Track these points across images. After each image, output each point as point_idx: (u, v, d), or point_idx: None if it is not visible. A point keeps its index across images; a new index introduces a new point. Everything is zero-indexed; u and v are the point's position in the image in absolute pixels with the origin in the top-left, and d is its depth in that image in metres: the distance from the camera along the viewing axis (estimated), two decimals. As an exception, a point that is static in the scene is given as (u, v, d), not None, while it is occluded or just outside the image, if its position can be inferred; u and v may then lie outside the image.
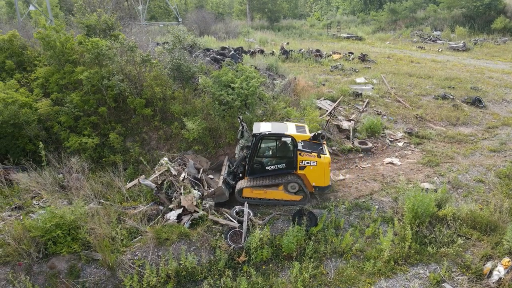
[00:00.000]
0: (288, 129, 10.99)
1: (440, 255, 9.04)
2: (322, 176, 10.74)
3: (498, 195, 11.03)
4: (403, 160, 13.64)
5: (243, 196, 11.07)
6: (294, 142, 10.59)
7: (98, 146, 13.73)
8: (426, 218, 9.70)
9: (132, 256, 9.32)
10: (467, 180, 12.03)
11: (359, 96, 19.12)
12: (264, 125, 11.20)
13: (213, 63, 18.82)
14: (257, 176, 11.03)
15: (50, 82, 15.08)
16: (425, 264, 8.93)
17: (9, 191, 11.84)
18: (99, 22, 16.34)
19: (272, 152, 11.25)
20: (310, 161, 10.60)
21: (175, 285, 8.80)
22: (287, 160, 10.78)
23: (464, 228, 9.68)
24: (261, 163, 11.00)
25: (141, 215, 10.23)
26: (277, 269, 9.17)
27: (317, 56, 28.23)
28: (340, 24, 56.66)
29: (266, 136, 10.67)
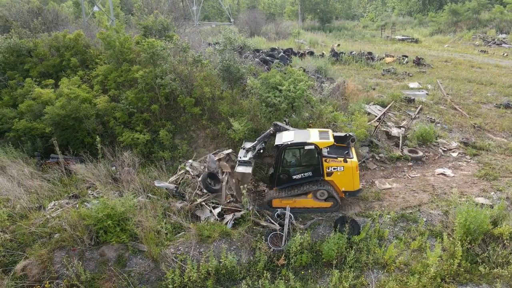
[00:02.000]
0: (310, 136, 10.82)
1: (493, 276, 8.46)
2: (350, 181, 10.63)
3: None
4: (457, 172, 12.89)
5: (273, 207, 11.02)
6: (317, 150, 10.48)
7: (148, 142, 14.35)
8: (479, 235, 9.11)
9: (175, 250, 9.65)
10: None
11: (412, 102, 18.35)
12: (287, 135, 11.12)
13: (262, 65, 18.96)
14: (285, 186, 10.99)
15: (108, 79, 16.02)
16: (475, 284, 8.40)
17: (68, 180, 12.78)
18: (155, 23, 17.06)
19: (297, 161, 11.10)
20: (337, 166, 10.52)
21: (215, 282, 8.99)
22: (313, 167, 10.71)
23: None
24: (288, 172, 10.94)
25: (184, 211, 10.57)
26: (316, 275, 9.07)
27: (369, 59, 27.42)
28: (395, 26, 54.62)
29: (289, 146, 10.61)
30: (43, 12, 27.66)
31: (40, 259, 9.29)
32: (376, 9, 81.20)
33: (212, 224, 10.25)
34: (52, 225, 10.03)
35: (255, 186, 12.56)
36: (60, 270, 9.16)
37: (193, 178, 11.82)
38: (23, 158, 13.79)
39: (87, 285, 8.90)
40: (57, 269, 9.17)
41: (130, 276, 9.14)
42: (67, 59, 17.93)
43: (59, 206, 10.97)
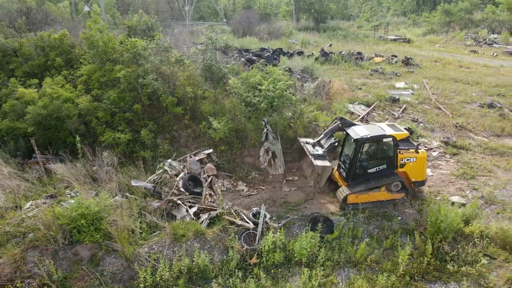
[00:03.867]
0: (384, 129, 10.85)
1: (462, 274, 8.51)
2: (421, 171, 10.83)
3: (537, 214, 10.17)
4: (435, 171, 12.96)
5: (348, 203, 10.86)
6: (394, 142, 10.50)
7: (130, 142, 14.36)
8: (450, 233, 9.17)
9: (149, 249, 9.67)
10: (503, 196, 11.20)
11: (396, 101, 18.42)
12: (360, 129, 10.94)
13: (248, 65, 18.99)
14: (359, 181, 10.89)
15: (92, 79, 16.01)
16: (443, 282, 8.46)
17: (48, 180, 12.77)
18: (140, 23, 17.06)
19: (372, 154, 11.03)
20: (410, 157, 10.65)
21: (187, 281, 9.02)
22: (387, 160, 10.77)
23: (492, 248, 9.04)
24: (362, 167, 10.91)
25: (161, 211, 10.60)
26: (288, 274, 9.10)
27: (358, 59, 27.50)
28: (388, 26, 54.77)
29: (368, 140, 10.54)
30: (32, 12, 27.58)
31: (13, 258, 9.27)
32: (371, 9, 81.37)
33: (188, 223, 10.27)
34: (27, 225, 10.03)
35: (234, 186, 12.59)
36: (33, 269, 9.15)
37: (171, 177, 11.85)
38: (4, 158, 13.76)
39: (58, 285, 8.91)
40: (29, 269, 9.15)
41: (103, 275, 9.15)
42: (52, 59, 17.91)
43: (36, 205, 10.96)
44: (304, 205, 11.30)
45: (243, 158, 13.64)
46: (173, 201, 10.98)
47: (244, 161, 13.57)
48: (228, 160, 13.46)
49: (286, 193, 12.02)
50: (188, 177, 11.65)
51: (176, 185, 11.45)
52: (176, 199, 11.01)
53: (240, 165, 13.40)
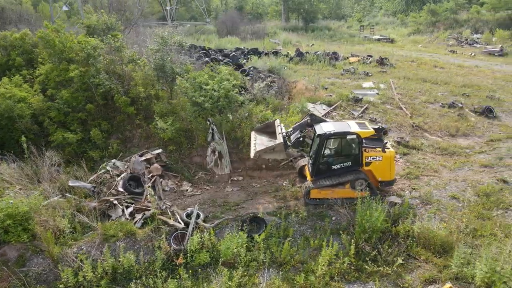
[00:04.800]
0: (350, 126, 10.89)
1: (381, 274, 8.49)
2: (388, 171, 10.74)
3: (468, 214, 10.14)
4: (382, 171, 12.91)
5: (311, 198, 11.01)
6: (359, 139, 10.50)
7: (83, 142, 14.33)
8: (375, 233, 9.16)
9: (78, 250, 9.64)
10: (441, 196, 11.17)
11: (359, 101, 18.39)
12: (326, 125, 11.12)
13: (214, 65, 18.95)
14: (323, 177, 10.94)
15: (49, 79, 15.96)
16: (362, 282, 8.44)
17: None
18: (99, 23, 17.01)
19: (337, 151, 11.13)
20: (376, 156, 10.62)
21: (110, 282, 8.98)
22: (352, 157, 10.76)
23: (416, 248, 9.03)
24: (327, 163, 10.95)
25: (96, 211, 10.56)
26: (213, 274, 9.06)
27: (332, 58, 27.49)
28: (374, 26, 54.82)
29: (332, 136, 10.66)
30: (6, 11, 27.52)
31: None
32: (364, 9, 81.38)
33: (121, 224, 10.23)
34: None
35: (178, 186, 12.56)
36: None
37: (112, 177, 11.82)
38: None
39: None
40: (-45, 270, 9.13)
41: (28, 276, 9.12)
42: (13, 59, 17.86)
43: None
44: (243, 205, 11.28)
45: (191, 158, 13.62)
46: (110, 201, 10.94)
47: (192, 161, 13.55)
48: (177, 160, 13.44)
49: (228, 193, 12.00)
50: (129, 177, 11.62)
51: (115, 185, 11.42)
52: (113, 199, 10.97)
53: (188, 165, 13.38)
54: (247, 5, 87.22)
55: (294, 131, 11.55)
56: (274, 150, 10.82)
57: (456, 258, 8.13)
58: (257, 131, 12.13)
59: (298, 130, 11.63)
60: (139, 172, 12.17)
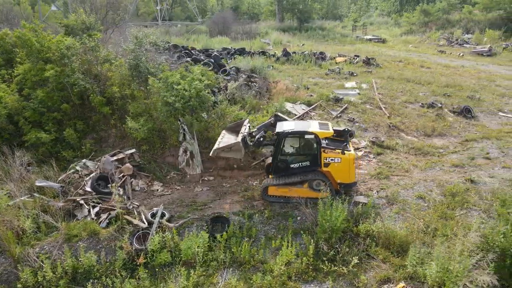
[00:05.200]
0: (310, 126, 10.93)
1: (338, 274, 8.50)
2: (347, 173, 10.67)
3: (431, 214, 10.15)
4: (354, 171, 12.93)
5: (269, 194, 11.09)
6: (317, 139, 10.52)
7: (58, 142, 14.32)
8: (335, 233, 9.17)
9: (40, 250, 9.64)
10: (408, 196, 11.18)
11: (339, 101, 18.41)
12: (287, 124, 11.29)
13: (193, 64, 18.94)
14: (282, 175, 11.01)
15: (26, 79, 15.94)
16: (319, 282, 8.44)
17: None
18: (77, 22, 17.00)
19: (296, 150, 11.15)
20: (334, 158, 10.58)
21: (70, 281, 8.98)
22: (311, 157, 10.76)
23: (375, 248, 9.04)
24: (286, 161, 10.98)
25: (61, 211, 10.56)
26: (173, 274, 9.06)
27: (318, 58, 27.51)
28: (366, 26, 54.86)
29: (289, 135, 10.69)
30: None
31: None
32: (360, 9, 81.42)
33: (85, 223, 10.24)
34: None
35: (149, 185, 12.57)
36: None
37: (80, 177, 11.83)
38: None
39: None
40: None
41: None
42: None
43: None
44: (210, 205, 11.28)
45: (164, 158, 13.62)
46: (76, 201, 10.95)
47: (165, 160, 13.55)
48: (149, 160, 13.44)
49: (197, 193, 12.00)
50: (97, 177, 11.63)
51: (83, 185, 11.42)
52: (79, 199, 10.97)
53: (160, 164, 13.38)
54: (243, 5, 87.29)
55: (258, 131, 11.56)
56: (232, 149, 10.83)
57: (411, 258, 8.14)
58: (228, 130, 12.15)
59: (262, 130, 11.63)
60: (109, 171, 12.16)
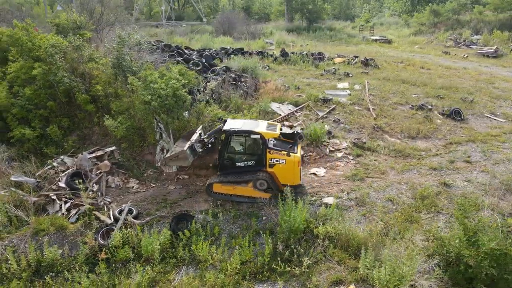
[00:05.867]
0: (258, 126, 11.02)
1: (291, 274, 8.48)
2: (291, 175, 10.68)
3: (397, 216, 10.01)
4: (330, 171, 12.87)
5: (214, 192, 11.25)
6: (263, 140, 10.63)
7: (43, 138, 14.67)
8: (293, 234, 9.15)
9: (9, 243, 9.90)
10: (378, 198, 11.06)
11: (328, 102, 18.29)
12: (236, 122, 11.41)
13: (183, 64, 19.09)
14: (227, 172, 11.14)
15: (17, 76, 16.35)
16: (272, 282, 8.44)
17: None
18: (68, 22, 17.36)
19: (242, 149, 11.30)
20: (279, 159, 10.61)
21: (33, 274, 9.19)
22: (256, 157, 10.88)
23: (334, 249, 8.98)
24: (232, 159, 11.14)
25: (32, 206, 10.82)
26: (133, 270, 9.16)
27: (316, 59, 27.35)
28: (373, 27, 54.26)
29: (235, 133, 10.82)
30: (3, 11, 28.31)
31: None
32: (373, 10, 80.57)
33: (54, 218, 10.48)
34: None
35: (125, 183, 12.74)
36: None
37: (56, 173, 12.09)
38: None
39: None
40: None
41: (-43, 266, 9.40)
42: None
43: None
44: (180, 203, 11.39)
45: (143, 155, 13.80)
46: (49, 197, 11.20)
47: (143, 158, 13.73)
48: (128, 157, 13.63)
49: (170, 191, 12.12)
50: (72, 173, 11.86)
51: (57, 180, 11.67)
52: (52, 194, 11.22)
53: (139, 162, 13.56)
54: (254, 5, 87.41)
55: (209, 138, 11.59)
56: (178, 157, 10.90)
57: (363, 260, 8.06)
58: (183, 138, 12.16)
59: (213, 136, 11.65)
60: (86, 168, 12.39)
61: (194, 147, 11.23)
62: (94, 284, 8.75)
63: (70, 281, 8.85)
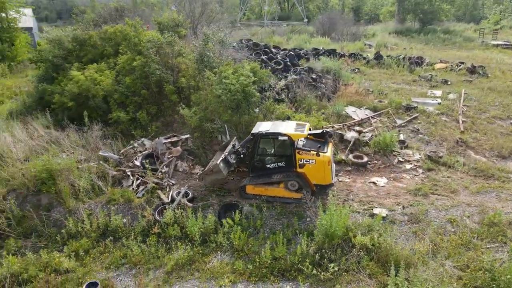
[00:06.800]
0: (286, 128, 11.17)
1: (317, 279, 8.35)
2: (322, 174, 10.71)
3: (454, 240, 9.01)
4: (392, 183, 12.10)
5: (247, 193, 11.53)
6: (290, 141, 10.79)
7: (134, 121, 16.74)
8: (328, 238, 8.97)
9: (88, 206, 11.68)
10: (437, 217, 10.05)
11: (411, 109, 17.04)
12: (265, 124, 11.65)
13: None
14: (259, 174, 11.44)
15: (123, 67, 18.88)
16: (297, 282, 8.44)
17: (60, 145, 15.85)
18: (168, 20, 19.35)
19: (272, 150, 11.59)
20: (309, 159, 10.67)
21: (100, 235, 10.71)
22: (286, 158, 11.05)
23: (368, 261, 8.56)
24: (262, 161, 11.45)
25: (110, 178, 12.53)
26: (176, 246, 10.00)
27: (413, 63, 25.46)
28: (500, 30, 47.79)
29: (263, 136, 11.10)
30: (124, 11, 32.61)
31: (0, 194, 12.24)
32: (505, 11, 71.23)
33: (125, 191, 11.98)
34: (13, 172, 12.90)
35: (191, 168, 13.81)
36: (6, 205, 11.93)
37: (135, 153, 13.72)
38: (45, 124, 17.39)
39: (16, 219, 11.49)
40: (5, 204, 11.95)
41: (49, 219, 11.47)
42: (106, 49, 21.48)
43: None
44: (233, 193, 11.95)
45: (212, 146, 14.72)
46: (125, 172, 12.82)
47: (212, 148, 14.63)
48: (199, 146, 14.70)
49: (228, 181, 12.76)
50: (146, 154, 13.34)
51: (134, 159, 13.27)
52: (128, 170, 12.81)
53: (207, 151, 14.51)
54: (365, 5, 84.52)
55: (243, 148, 11.71)
56: (213, 171, 11.21)
57: (392, 278, 7.53)
58: (221, 149, 12.53)
59: (245, 146, 11.71)
60: (160, 151, 13.79)
61: (227, 159, 11.65)
62: (142, 253, 9.85)
63: (126, 247, 10.11)
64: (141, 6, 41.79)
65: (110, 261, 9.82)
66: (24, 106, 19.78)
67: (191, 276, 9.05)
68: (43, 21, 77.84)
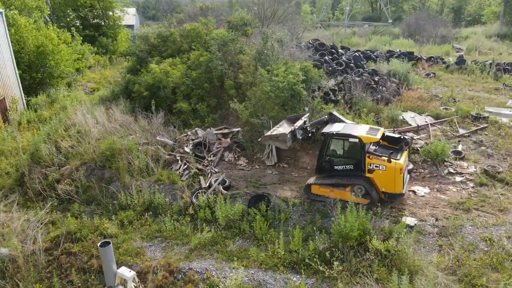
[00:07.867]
0: (358, 130, 10.82)
1: (324, 275, 8.44)
2: (392, 182, 10.16)
3: (482, 260, 8.30)
4: (433, 194, 11.40)
5: (312, 193, 11.34)
6: (361, 144, 10.40)
7: (195, 112, 18.10)
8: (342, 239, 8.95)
9: (139, 184, 13.13)
10: (472, 234, 9.28)
11: (481, 119, 15.63)
12: (337, 125, 11.32)
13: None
14: (326, 175, 11.24)
15: (193, 62, 20.44)
16: (305, 276, 8.61)
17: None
18: (237, 19, 20.38)
19: (341, 152, 11.18)
20: (379, 164, 10.21)
21: (144, 210, 12.02)
22: (355, 161, 10.67)
23: (379, 266, 8.36)
24: (330, 162, 11.17)
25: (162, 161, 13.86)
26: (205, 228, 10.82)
27: (500, 70, 22.98)
28: None
29: (334, 136, 10.88)
30: (208, 11, 34.84)
31: (74, 165, 14.38)
32: None
33: (172, 174, 13.20)
34: (87, 148, 14.94)
35: (236, 159, 14.55)
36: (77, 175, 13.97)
37: (187, 140, 14.91)
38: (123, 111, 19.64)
39: (83, 188, 13.43)
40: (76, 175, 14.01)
41: (107, 190, 13.18)
42: (183, 45, 23.37)
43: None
44: (267, 186, 12.39)
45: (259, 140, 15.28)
46: (175, 157, 14.07)
47: (259, 142, 15.18)
48: (247, 139, 15.37)
49: (266, 175, 13.23)
50: (196, 143, 14.43)
51: (185, 146, 14.46)
52: (178, 155, 14.04)
53: (253, 145, 15.11)
54: (468, 5, 77.62)
55: (312, 127, 11.70)
56: (278, 139, 11.40)
57: (394, 285, 7.32)
58: (287, 120, 12.71)
59: (315, 126, 11.70)
60: (210, 141, 14.80)
61: (295, 133, 11.82)
62: (174, 230, 10.86)
63: (162, 223, 11.22)
64: (236, 5, 43.99)
65: (147, 233, 11.02)
66: (112, 94, 22.45)
67: (210, 255, 9.78)
68: (149, 19, 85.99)
